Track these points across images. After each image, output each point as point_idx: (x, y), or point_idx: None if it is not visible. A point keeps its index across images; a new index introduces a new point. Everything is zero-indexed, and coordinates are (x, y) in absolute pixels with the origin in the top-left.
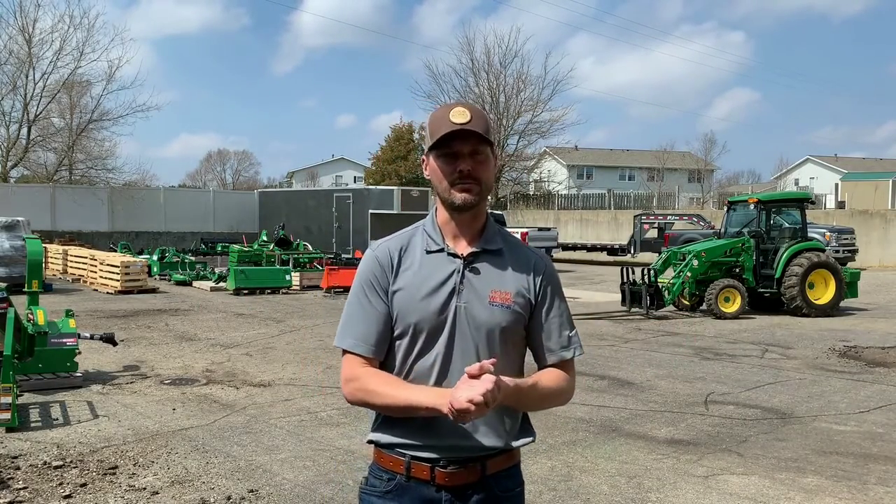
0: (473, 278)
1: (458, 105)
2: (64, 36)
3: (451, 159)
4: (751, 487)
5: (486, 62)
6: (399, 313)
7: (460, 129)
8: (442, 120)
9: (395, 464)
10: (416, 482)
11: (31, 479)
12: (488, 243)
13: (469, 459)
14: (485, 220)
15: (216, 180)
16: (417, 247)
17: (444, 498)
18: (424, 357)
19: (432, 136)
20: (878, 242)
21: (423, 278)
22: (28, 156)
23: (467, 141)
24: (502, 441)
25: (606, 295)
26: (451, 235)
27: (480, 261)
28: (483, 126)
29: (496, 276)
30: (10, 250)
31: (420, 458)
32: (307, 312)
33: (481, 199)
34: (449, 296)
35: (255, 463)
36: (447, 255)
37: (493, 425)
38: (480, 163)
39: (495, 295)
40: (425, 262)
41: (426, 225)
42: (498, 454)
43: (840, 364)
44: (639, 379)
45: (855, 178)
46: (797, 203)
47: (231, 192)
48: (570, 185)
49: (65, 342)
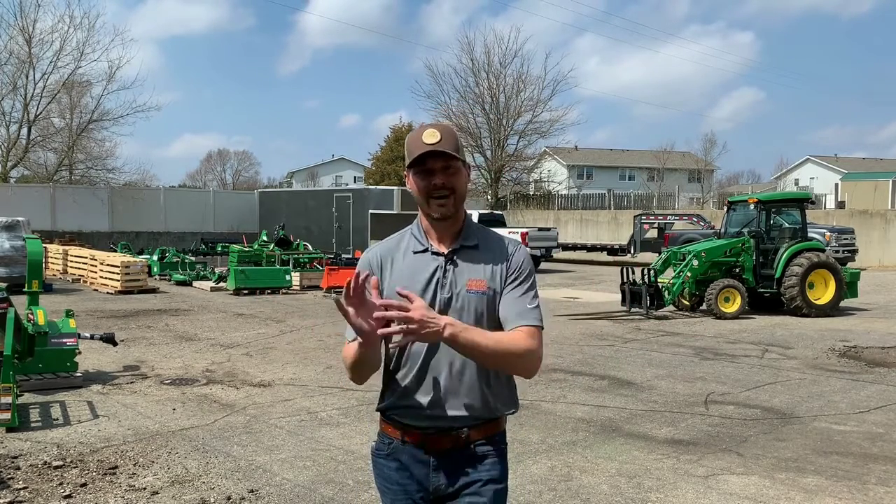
0: (454, 271)
1: (430, 127)
2: (64, 36)
3: (426, 175)
4: (751, 487)
5: (486, 62)
6: None
7: (430, 150)
8: (416, 141)
9: (394, 430)
10: (410, 446)
11: (31, 479)
12: (466, 240)
13: (454, 428)
14: (462, 221)
15: (216, 180)
16: (406, 248)
17: (431, 460)
18: (414, 345)
19: (409, 156)
20: (878, 242)
21: (410, 275)
22: (28, 156)
23: (438, 158)
24: (487, 411)
25: (606, 295)
26: (435, 238)
27: (458, 257)
28: (452, 144)
29: (472, 267)
30: (10, 250)
31: (411, 426)
32: (307, 312)
33: (456, 209)
34: (434, 290)
35: (255, 463)
36: (431, 254)
37: (479, 396)
38: (452, 174)
39: (472, 283)
40: (412, 262)
41: (413, 229)
42: (481, 424)
43: (840, 364)
44: (639, 379)
45: (855, 178)
46: (797, 203)
47: (231, 192)
48: (570, 185)
49: (65, 342)
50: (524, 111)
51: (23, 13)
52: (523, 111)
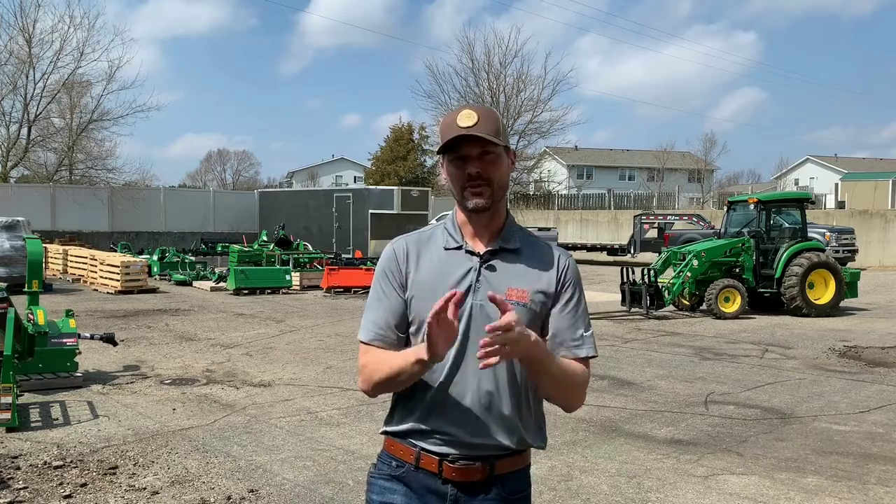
0: (490, 276)
1: (466, 108)
2: (64, 36)
3: (460, 163)
4: (751, 487)
5: (486, 62)
6: (415, 308)
7: (464, 134)
8: (450, 125)
9: (406, 453)
10: (424, 473)
11: (31, 479)
12: (506, 242)
13: (478, 457)
14: (504, 219)
15: (216, 180)
16: (437, 243)
17: (449, 492)
18: None
19: (442, 141)
20: (878, 242)
21: (440, 275)
22: (28, 156)
23: (474, 144)
24: (514, 440)
25: (606, 295)
26: (470, 235)
27: (497, 259)
28: (491, 127)
29: (513, 274)
30: (10, 250)
31: (429, 451)
32: (307, 312)
33: (494, 201)
34: (465, 294)
35: (255, 463)
36: (465, 252)
37: (506, 423)
38: (490, 163)
39: (512, 292)
40: (443, 259)
41: (447, 223)
42: (509, 455)
43: (840, 364)
44: (639, 379)
45: (855, 178)
46: (797, 203)
47: (231, 192)
48: (570, 185)
49: (65, 342)
50: (524, 111)
51: (23, 13)
52: (523, 111)
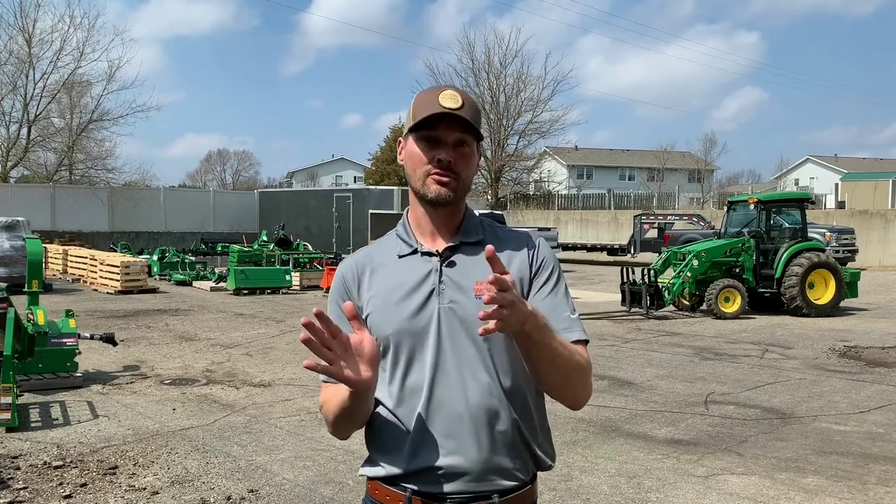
0: (453, 274)
1: (450, 88)
2: (64, 36)
3: (431, 144)
4: (751, 487)
5: (487, 62)
6: (374, 328)
7: (449, 113)
8: (429, 101)
9: (394, 498)
10: None
11: (31, 479)
12: (467, 236)
13: (481, 495)
14: (463, 214)
15: (216, 180)
16: (390, 253)
17: None
18: (413, 370)
19: (415, 117)
20: (878, 242)
21: (395, 285)
22: (28, 156)
23: (453, 128)
24: (522, 474)
25: (606, 295)
26: (428, 234)
27: (459, 254)
28: (474, 116)
29: (479, 267)
30: (10, 250)
31: (423, 493)
32: (307, 312)
33: (458, 196)
34: (427, 298)
35: (255, 463)
36: (421, 255)
37: (511, 454)
38: (463, 156)
39: (481, 286)
40: (398, 268)
41: (398, 228)
42: (512, 489)
43: (840, 364)
44: (639, 379)
45: (855, 178)
46: (797, 203)
47: (231, 192)
48: (570, 185)
49: (65, 342)
50: (524, 111)
51: (23, 13)
52: (523, 111)
